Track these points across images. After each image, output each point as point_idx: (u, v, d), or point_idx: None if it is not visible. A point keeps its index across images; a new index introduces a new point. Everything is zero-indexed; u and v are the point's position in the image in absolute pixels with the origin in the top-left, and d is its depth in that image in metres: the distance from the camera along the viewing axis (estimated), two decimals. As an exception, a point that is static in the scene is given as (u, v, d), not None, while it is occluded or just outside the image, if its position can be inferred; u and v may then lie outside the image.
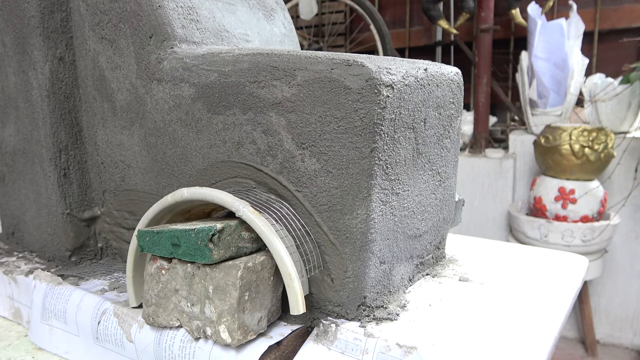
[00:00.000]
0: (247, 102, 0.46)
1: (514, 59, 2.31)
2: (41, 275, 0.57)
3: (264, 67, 0.45)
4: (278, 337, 0.45)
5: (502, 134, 2.24)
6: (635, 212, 1.81)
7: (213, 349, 0.44)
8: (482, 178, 2.00)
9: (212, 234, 0.41)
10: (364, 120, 0.41)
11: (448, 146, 0.54)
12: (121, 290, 0.56)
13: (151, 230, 0.44)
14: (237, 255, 0.43)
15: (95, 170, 0.61)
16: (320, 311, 0.47)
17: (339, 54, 0.43)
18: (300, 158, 0.45)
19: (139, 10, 0.52)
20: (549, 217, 1.72)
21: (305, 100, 0.43)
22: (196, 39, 0.53)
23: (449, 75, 0.52)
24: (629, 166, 1.77)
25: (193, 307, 0.44)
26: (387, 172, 0.44)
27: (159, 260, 0.46)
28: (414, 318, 0.46)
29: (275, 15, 0.67)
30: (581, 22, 1.90)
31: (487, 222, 2.02)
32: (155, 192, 0.56)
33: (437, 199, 0.55)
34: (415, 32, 2.61)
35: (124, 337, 0.49)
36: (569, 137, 1.65)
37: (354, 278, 0.45)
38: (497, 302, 0.49)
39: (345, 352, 0.43)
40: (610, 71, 1.95)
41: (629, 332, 1.89)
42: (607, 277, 1.88)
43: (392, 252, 0.48)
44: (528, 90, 1.97)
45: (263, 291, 0.44)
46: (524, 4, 2.01)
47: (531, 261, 0.61)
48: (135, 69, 0.54)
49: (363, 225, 0.43)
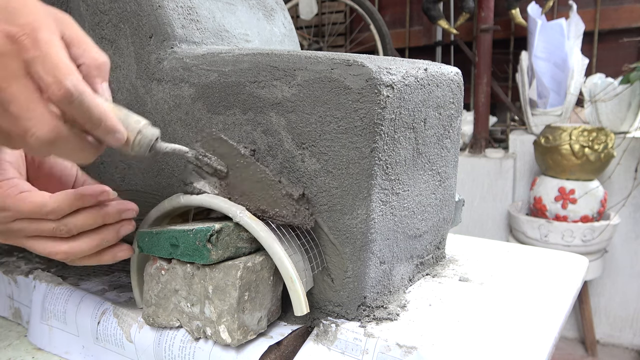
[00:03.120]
0: (247, 102, 0.46)
1: (514, 59, 2.31)
2: (41, 275, 0.57)
3: (264, 67, 0.45)
4: (278, 337, 0.45)
5: (502, 134, 2.24)
6: (635, 212, 1.81)
7: (213, 349, 0.44)
8: (482, 178, 2.01)
9: (210, 234, 0.41)
10: (364, 120, 0.41)
11: (448, 146, 0.54)
12: (121, 291, 0.55)
13: (150, 231, 0.44)
14: (236, 256, 0.43)
15: (95, 170, 0.61)
16: (320, 311, 0.47)
17: (339, 54, 0.43)
18: (300, 158, 0.45)
19: (139, 10, 0.52)
20: (549, 217, 1.72)
21: (305, 100, 0.43)
22: (196, 39, 0.53)
23: (449, 75, 0.52)
24: (629, 166, 1.77)
25: (193, 307, 0.44)
26: (387, 172, 0.44)
27: (159, 261, 0.46)
28: (414, 318, 0.46)
29: (275, 15, 0.67)
30: (581, 22, 1.90)
31: (487, 222, 2.02)
32: (155, 192, 0.56)
33: (437, 199, 0.55)
34: (415, 32, 2.62)
35: (123, 337, 0.49)
36: (569, 137, 1.65)
37: (354, 278, 0.45)
38: (497, 302, 0.49)
39: (345, 352, 0.43)
40: (610, 71, 1.95)
41: (628, 332, 1.89)
42: (607, 277, 1.88)
43: (392, 252, 0.48)
44: (528, 90, 1.97)
45: (263, 291, 0.44)
46: (524, 4, 2.01)
47: (531, 261, 0.61)
48: (135, 69, 0.53)
49: (363, 225, 0.43)
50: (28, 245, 0.42)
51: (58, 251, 0.42)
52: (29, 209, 0.40)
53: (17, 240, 0.42)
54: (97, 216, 0.42)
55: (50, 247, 0.42)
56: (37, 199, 0.40)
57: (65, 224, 0.41)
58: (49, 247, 0.42)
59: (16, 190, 0.40)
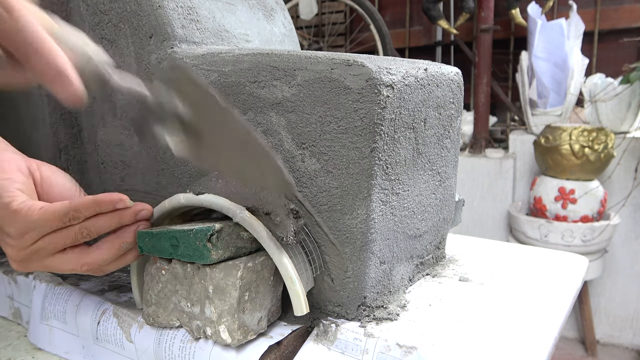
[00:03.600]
0: (247, 102, 0.46)
1: (514, 59, 2.31)
2: (41, 275, 0.57)
3: (264, 67, 0.45)
4: (278, 337, 0.45)
5: (502, 134, 2.24)
6: (635, 212, 1.81)
7: (213, 349, 0.44)
8: (482, 178, 2.00)
9: (211, 234, 0.41)
10: (364, 120, 0.41)
11: (448, 146, 0.54)
12: (121, 291, 0.56)
13: (150, 231, 0.44)
14: (237, 255, 0.43)
15: (95, 170, 0.61)
16: (320, 311, 0.47)
17: (339, 54, 0.43)
18: (300, 158, 0.45)
19: (139, 10, 0.52)
20: (549, 217, 1.72)
21: (305, 100, 0.43)
22: (196, 39, 0.53)
23: (449, 75, 0.52)
24: (629, 166, 1.77)
25: (193, 307, 0.44)
26: (387, 172, 0.44)
27: (159, 261, 0.46)
28: (414, 318, 0.46)
29: (275, 15, 0.67)
30: (581, 22, 1.90)
31: (487, 222, 2.02)
32: (155, 192, 0.56)
33: (437, 199, 0.55)
34: (415, 32, 2.61)
35: (123, 337, 0.49)
36: (569, 137, 1.65)
37: (354, 278, 0.45)
38: (497, 302, 0.49)
39: (345, 352, 0.43)
40: (610, 71, 1.95)
41: (628, 332, 1.89)
42: (607, 277, 1.87)
43: (392, 252, 0.48)
44: (528, 90, 1.97)
45: (263, 291, 0.44)
46: (524, 4, 2.01)
47: (531, 261, 0.61)
48: (135, 69, 0.53)
49: (363, 225, 0.43)
50: (53, 264, 0.43)
51: (83, 263, 0.43)
52: (53, 218, 0.41)
53: (41, 262, 0.43)
54: (114, 217, 0.43)
55: (75, 261, 0.43)
56: (58, 206, 0.41)
57: (86, 227, 0.42)
58: (74, 261, 0.43)
59: (35, 207, 0.41)
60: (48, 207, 0.41)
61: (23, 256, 0.42)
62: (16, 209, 0.40)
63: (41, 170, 0.45)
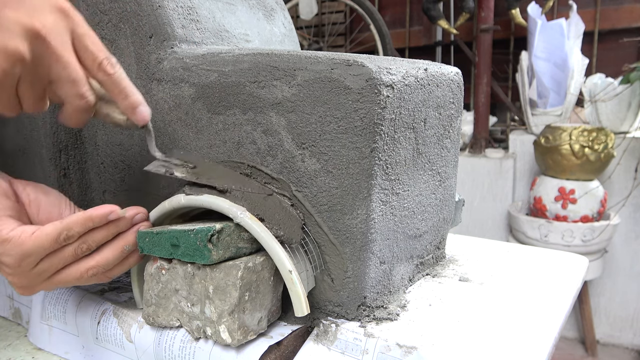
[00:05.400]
0: (247, 102, 0.46)
1: (514, 59, 2.31)
2: (41, 276, 0.57)
3: (264, 67, 0.45)
4: (278, 337, 0.45)
5: (502, 134, 2.24)
6: (635, 212, 1.81)
7: (213, 349, 0.44)
8: (482, 178, 2.01)
9: (211, 234, 0.41)
10: (364, 120, 0.41)
11: (448, 146, 0.54)
12: (121, 291, 0.56)
13: (150, 231, 0.44)
14: (237, 256, 0.43)
15: (95, 171, 0.61)
16: (320, 311, 0.47)
17: (339, 54, 0.43)
18: (301, 158, 0.45)
19: (139, 10, 0.52)
20: (549, 217, 1.72)
21: (305, 100, 0.43)
22: (196, 39, 0.53)
23: (449, 75, 0.52)
24: (629, 166, 1.77)
25: (193, 307, 0.44)
26: (387, 172, 0.44)
27: (159, 260, 0.46)
28: (414, 318, 0.46)
29: (275, 15, 0.67)
30: (581, 22, 1.90)
31: (487, 222, 2.02)
32: (155, 192, 0.56)
33: (437, 199, 0.55)
34: (415, 32, 2.62)
35: (123, 337, 0.49)
36: (569, 137, 1.65)
37: (354, 278, 0.45)
38: (497, 302, 0.49)
39: (346, 352, 0.43)
40: (610, 71, 1.95)
41: (628, 332, 1.89)
42: (607, 277, 1.88)
43: (392, 252, 0.48)
44: (528, 90, 1.97)
45: (263, 291, 0.44)
46: (524, 4, 2.01)
47: (531, 261, 0.61)
48: (135, 69, 0.53)
49: (363, 225, 0.43)
50: (58, 281, 0.43)
51: (88, 267, 0.43)
52: (47, 241, 0.40)
53: (45, 283, 0.43)
54: (110, 228, 0.43)
55: (79, 269, 0.43)
56: (50, 229, 0.41)
57: (84, 241, 0.42)
58: (79, 270, 0.43)
59: (28, 233, 0.41)
60: (39, 232, 0.41)
61: (26, 282, 0.42)
62: (7, 238, 0.40)
63: (28, 191, 0.45)
